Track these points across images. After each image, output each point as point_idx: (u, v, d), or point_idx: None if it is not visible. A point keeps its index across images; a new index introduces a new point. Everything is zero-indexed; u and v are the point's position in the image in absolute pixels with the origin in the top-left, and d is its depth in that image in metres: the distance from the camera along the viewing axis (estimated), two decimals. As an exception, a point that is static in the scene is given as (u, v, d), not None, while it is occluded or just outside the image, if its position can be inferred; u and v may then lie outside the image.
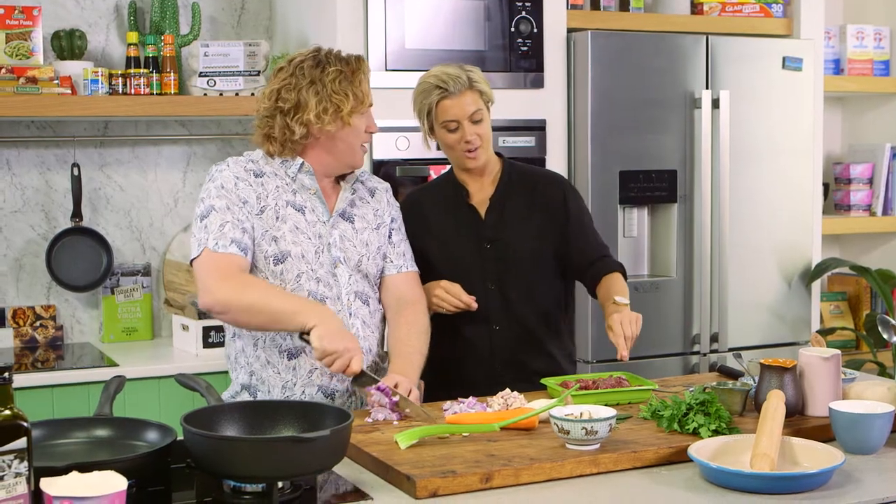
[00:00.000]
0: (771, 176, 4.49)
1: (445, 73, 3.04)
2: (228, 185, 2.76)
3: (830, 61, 5.04)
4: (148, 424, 2.20)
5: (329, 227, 2.83)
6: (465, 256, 3.12)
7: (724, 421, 2.43)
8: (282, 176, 2.83)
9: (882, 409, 2.40)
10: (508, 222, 3.14)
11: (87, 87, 3.92)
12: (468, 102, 3.03)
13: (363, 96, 2.81)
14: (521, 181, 3.19)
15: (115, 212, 4.26)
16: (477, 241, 3.13)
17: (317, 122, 2.77)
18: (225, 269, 2.67)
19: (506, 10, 4.08)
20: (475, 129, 3.05)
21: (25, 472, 1.78)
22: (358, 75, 2.82)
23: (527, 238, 3.14)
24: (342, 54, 2.84)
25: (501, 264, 3.12)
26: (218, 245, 2.68)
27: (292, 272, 2.76)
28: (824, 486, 2.14)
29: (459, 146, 3.06)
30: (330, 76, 2.78)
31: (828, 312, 5.13)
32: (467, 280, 3.09)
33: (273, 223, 2.76)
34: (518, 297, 3.13)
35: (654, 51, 4.26)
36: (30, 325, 4.11)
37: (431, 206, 3.18)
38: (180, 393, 2.86)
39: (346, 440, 2.12)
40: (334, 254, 2.81)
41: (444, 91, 3.02)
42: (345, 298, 2.81)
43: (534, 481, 2.20)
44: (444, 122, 3.04)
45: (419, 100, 3.09)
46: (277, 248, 2.75)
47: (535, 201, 3.17)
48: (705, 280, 4.35)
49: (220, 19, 4.40)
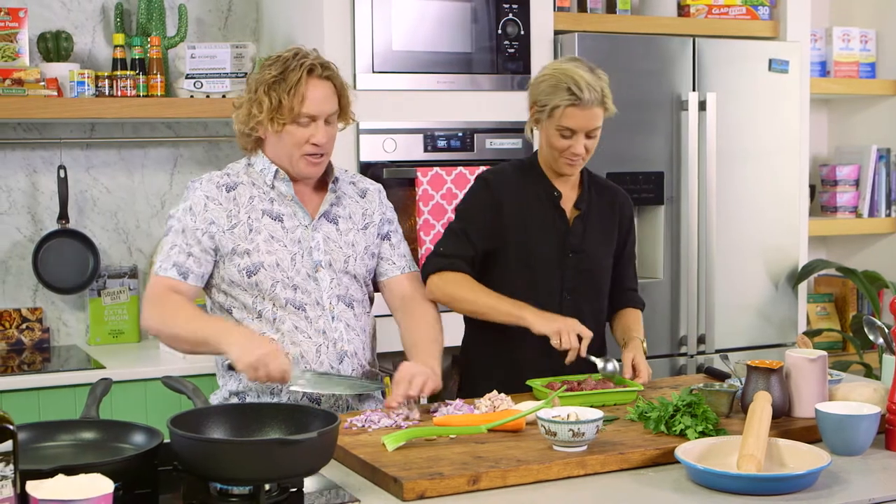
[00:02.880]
0: (758, 178, 4.51)
1: (584, 80, 2.90)
2: (197, 208, 2.76)
3: (817, 63, 5.05)
4: (135, 427, 2.20)
5: (311, 230, 2.81)
6: (545, 260, 3.05)
7: (710, 422, 2.43)
8: (259, 185, 2.81)
9: (868, 410, 2.40)
10: (591, 235, 3.09)
11: (73, 89, 3.91)
12: (592, 117, 2.94)
13: (292, 106, 2.71)
14: (599, 192, 3.14)
15: (102, 214, 4.25)
16: (561, 247, 3.06)
17: (246, 123, 2.77)
18: (159, 295, 2.73)
19: (493, 12, 4.08)
20: (587, 143, 2.97)
21: (11, 476, 1.78)
22: (293, 83, 2.70)
23: (605, 254, 3.12)
24: (303, 60, 2.74)
25: (580, 276, 3.07)
26: (160, 268, 2.75)
27: (266, 282, 2.75)
28: (811, 488, 2.15)
29: (565, 153, 2.98)
30: (265, 80, 2.73)
31: (814, 314, 5.14)
32: (542, 284, 3.04)
33: (246, 236, 2.75)
34: (590, 311, 3.08)
35: (640, 53, 4.27)
36: (16, 328, 4.09)
37: (526, 199, 3.07)
38: (167, 395, 2.84)
39: (333, 442, 2.12)
40: (315, 258, 2.80)
41: (577, 99, 2.90)
42: (326, 303, 2.79)
43: (521, 483, 2.20)
44: (562, 128, 2.94)
45: (546, 92, 2.95)
46: (250, 261, 2.74)
47: (614, 218, 3.14)
48: (692, 282, 4.36)
49: (206, 21, 4.39)
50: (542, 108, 2.96)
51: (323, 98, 2.75)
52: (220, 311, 2.81)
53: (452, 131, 4.03)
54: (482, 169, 3.96)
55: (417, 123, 3.99)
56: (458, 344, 3.26)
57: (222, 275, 2.77)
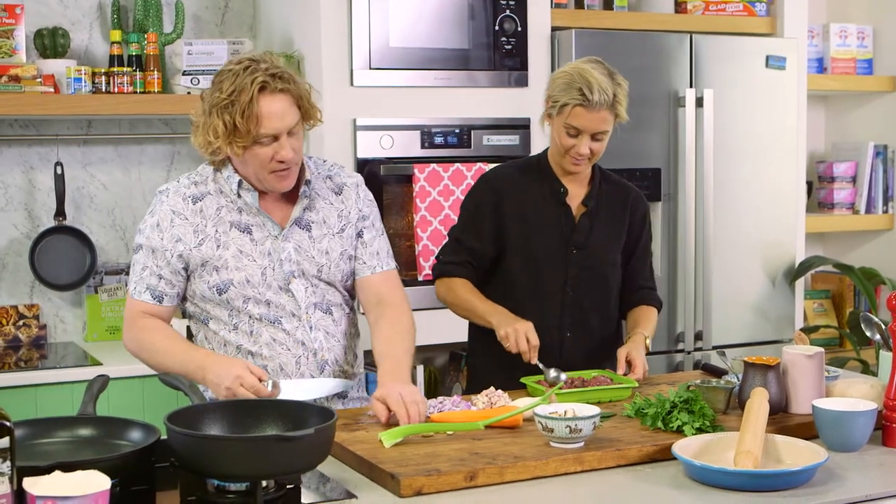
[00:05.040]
0: (755, 174, 4.51)
1: (597, 82, 2.91)
2: (164, 224, 2.69)
3: (814, 60, 5.05)
4: (132, 424, 2.19)
5: (281, 240, 2.70)
6: (548, 257, 3.06)
7: (707, 419, 2.43)
8: (227, 193, 2.71)
9: (865, 406, 2.40)
10: (598, 231, 3.09)
11: (70, 86, 3.90)
12: (600, 120, 2.94)
13: (249, 129, 2.53)
14: (611, 189, 3.15)
15: (99, 210, 4.25)
16: (564, 243, 3.07)
17: (206, 148, 2.63)
18: (134, 319, 2.72)
19: (490, 8, 4.08)
20: (592, 145, 2.97)
21: (8, 472, 1.78)
22: (245, 105, 2.52)
23: (612, 251, 3.12)
24: (255, 75, 2.53)
25: (583, 272, 3.08)
26: (136, 291, 2.72)
27: (238, 299, 2.68)
28: (808, 484, 2.15)
29: (571, 152, 2.99)
30: (216, 103, 2.56)
31: (811, 310, 5.14)
32: (545, 280, 3.05)
33: (213, 252, 2.67)
34: (592, 307, 3.10)
35: (638, 49, 4.27)
36: (13, 325, 4.09)
37: (528, 196, 3.07)
38: (164, 392, 2.85)
39: (330, 439, 2.12)
40: (286, 269, 2.69)
41: (585, 100, 2.91)
42: (302, 313, 2.71)
43: (518, 479, 2.20)
44: (569, 126, 2.95)
45: (559, 88, 2.96)
46: (219, 279, 2.67)
47: (625, 216, 3.14)
48: (689, 278, 4.36)
49: (203, 18, 4.39)
50: (554, 104, 2.98)
51: (281, 113, 2.56)
52: (196, 323, 2.77)
53: (449, 128, 4.03)
54: (479, 166, 3.98)
55: (414, 120, 3.99)
56: (457, 340, 3.26)
57: (194, 289, 2.71)
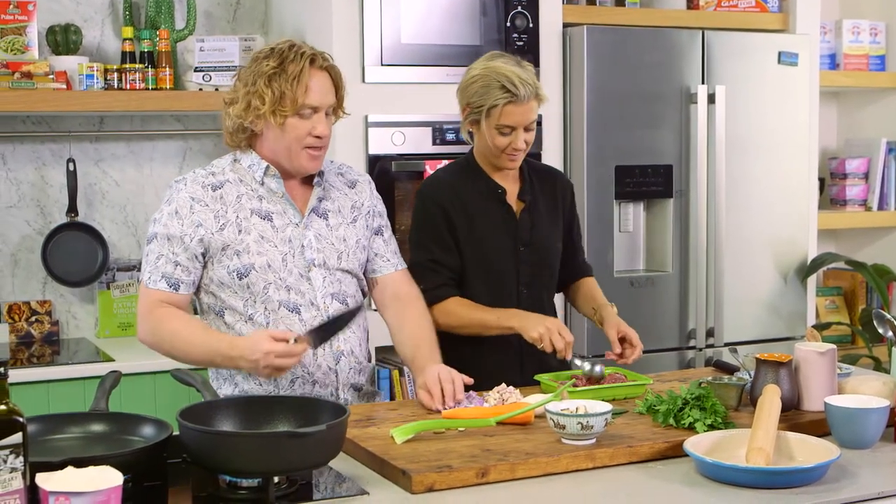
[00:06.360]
0: (767, 171, 4.50)
1: (517, 77, 2.90)
2: (183, 211, 2.69)
3: (826, 56, 5.04)
4: (144, 419, 2.20)
5: (302, 228, 2.74)
6: (500, 258, 3.06)
7: (719, 416, 2.43)
8: (248, 182, 2.74)
9: (877, 403, 2.40)
10: (538, 224, 3.09)
11: (82, 82, 3.91)
12: (529, 111, 2.93)
13: (296, 97, 2.64)
14: (539, 179, 3.15)
15: (111, 207, 4.26)
16: (513, 242, 3.07)
17: (244, 118, 2.68)
18: (151, 309, 2.68)
19: (501, 4, 4.08)
20: (526, 137, 2.96)
21: (21, 468, 1.78)
22: (296, 74, 2.64)
23: (554, 240, 3.13)
24: (301, 50, 2.67)
25: (535, 268, 3.09)
26: (150, 280, 2.69)
27: (259, 284, 2.68)
28: (820, 481, 2.14)
29: (507, 150, 2.97)
30: (263, 71, 2.65)
31: (823, 307, 5.13)
32: (500, 282, 3.05)
33: (235, 237, 2.68)
34: (546, 299, 3.12)
35: (650, 46, 4.26)
36: (25, 321, 4.10)
37: (470, 200, 3.06)
38: (176, 388, 2.85)
39: (342, 435, 2.12)
40: (308, 256, 2.73)
41: (513, 97, 2.89)
42: (320, 302, 2.72)
43: (530, 476, 2.20)
44: (501, 126, 2.94)
45: (478, 94, 2.94)
46: (240, 262, 2.68)
47: (557, 202, 3.15)
48: (701, 275, 4.35)
49: (215, 14, 4.39)
50: (477, 110, 2.96)
51: (325, 89, 2.69)
52: (211, 314, 2.76)
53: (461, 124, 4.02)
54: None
55: (426, 116, 3.99)
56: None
57: (211, 276, 2.71)
